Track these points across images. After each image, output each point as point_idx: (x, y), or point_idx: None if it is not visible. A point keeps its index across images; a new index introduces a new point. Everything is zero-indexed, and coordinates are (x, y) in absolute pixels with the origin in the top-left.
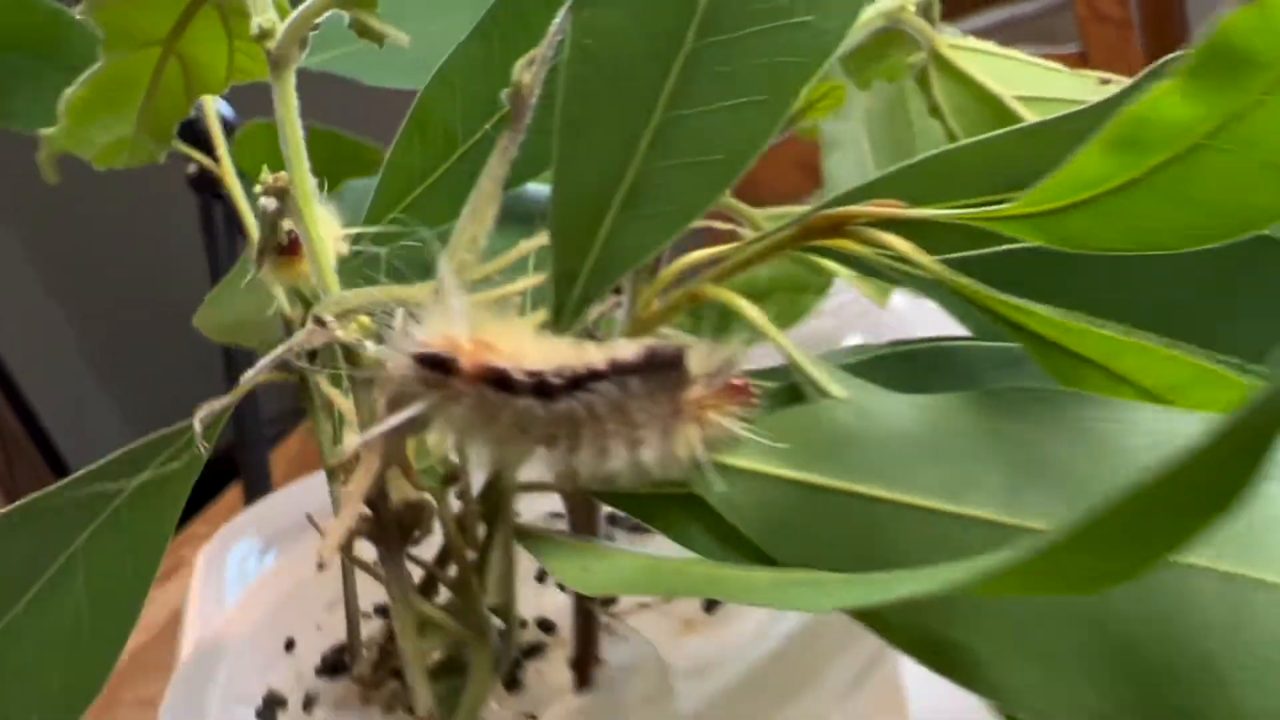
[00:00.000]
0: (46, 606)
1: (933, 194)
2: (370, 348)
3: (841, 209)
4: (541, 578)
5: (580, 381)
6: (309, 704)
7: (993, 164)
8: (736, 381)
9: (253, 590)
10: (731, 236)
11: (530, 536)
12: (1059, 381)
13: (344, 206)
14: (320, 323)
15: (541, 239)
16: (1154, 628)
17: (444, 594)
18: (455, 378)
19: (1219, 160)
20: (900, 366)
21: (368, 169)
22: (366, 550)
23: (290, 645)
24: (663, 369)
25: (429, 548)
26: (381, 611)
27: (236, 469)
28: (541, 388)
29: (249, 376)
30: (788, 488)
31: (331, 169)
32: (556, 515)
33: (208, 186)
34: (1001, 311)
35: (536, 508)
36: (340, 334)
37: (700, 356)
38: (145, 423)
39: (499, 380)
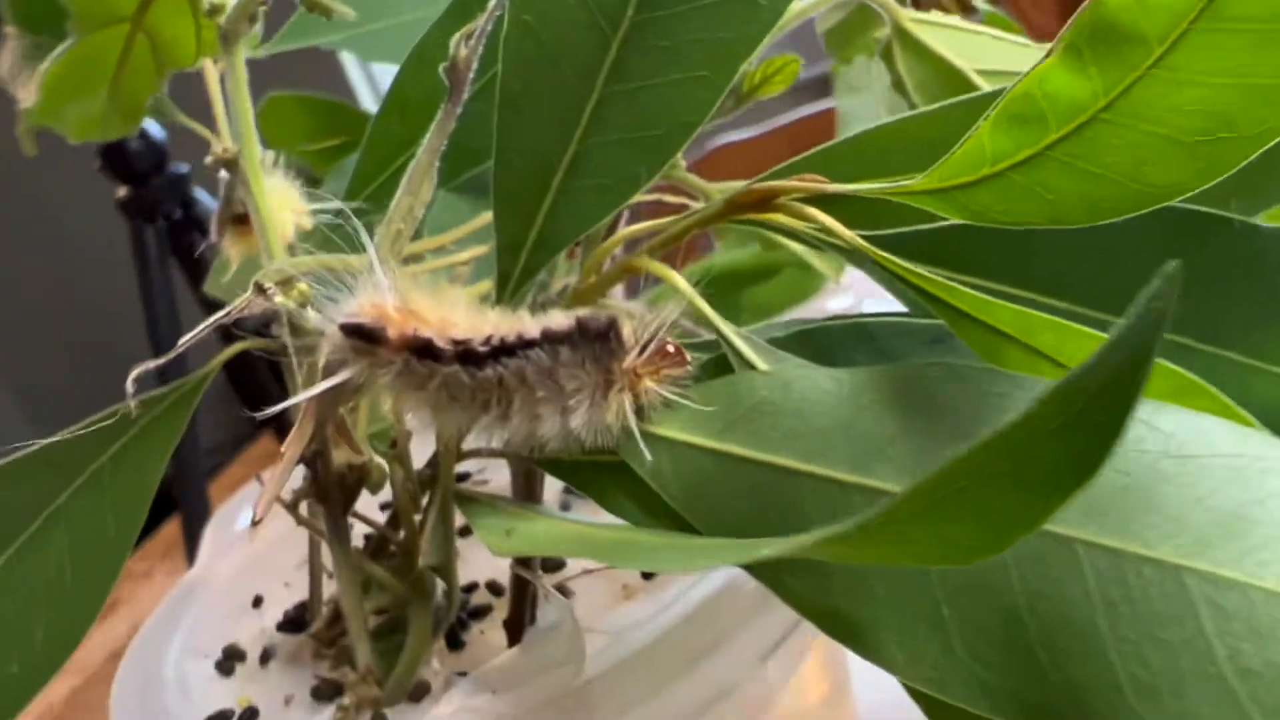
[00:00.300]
0: (29, 560)
1: (861, 171)
2: (310, 315)
3: (768, 184)
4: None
5: (509, 349)
6: (265, 658)
7: (913, 142)
8: (669, 347)
9: (226, 547)
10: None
11: (467, 500)
12: (981, 357)
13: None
14: (261, 290)
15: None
16: (1042, 601)
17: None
18: (381, 346)
19: (1113, 133)
20: (829, 341)
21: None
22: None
23: (258, 602)
24: (594, 337)
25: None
26: None
27: (175, 502)
28: (467, 355)
29: (190, 337)
30: (708, 457)
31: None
32: (569, 491)
33: (139, 212)
34: (922, 286)
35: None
36: (280, 300)
37: (633, 325)
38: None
39: (423, 349)
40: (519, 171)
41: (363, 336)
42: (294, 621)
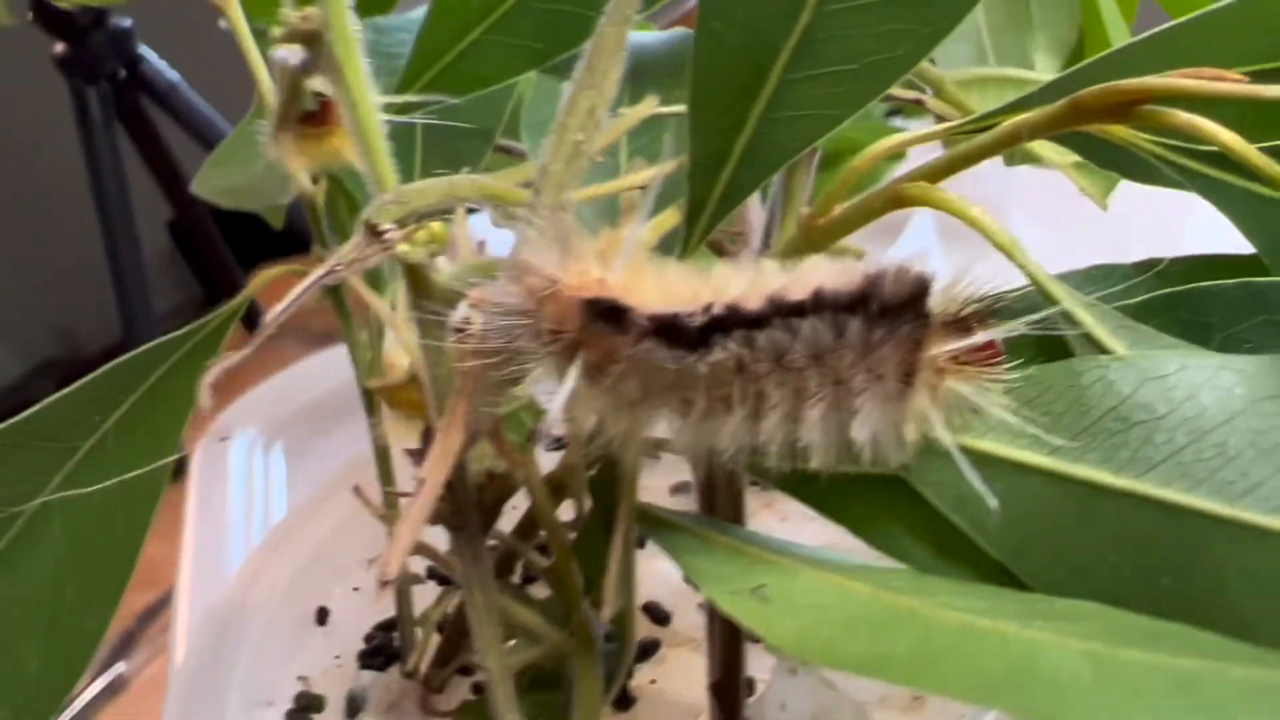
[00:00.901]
0: (16, 566)
1: (1202, 58)
2: (443, 267)
3: (1136, 84)
4: (641, 541)
5: (774, 317)
6: (353, 709)
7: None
8: (981, 335)
9: (271, 541)
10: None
11: (658, 525)
12: None
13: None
14: (374, 232)
15: (651, 103)
16: None
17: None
18: (626, 330)
19: None
20: (1202, 310)
21: None
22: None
23: (323, 616)
24: (894, 307)
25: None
26: (438, 577)
27: None
28: (717, 331)
29: (275, 316)
30: (1052, 485)
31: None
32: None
33: (79, 71)
34: None
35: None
36: (404, 249)
37: (939, 292)
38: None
39: (671, 328)
40: (726, 51)
41: (609, 317)
42: (380, 650)
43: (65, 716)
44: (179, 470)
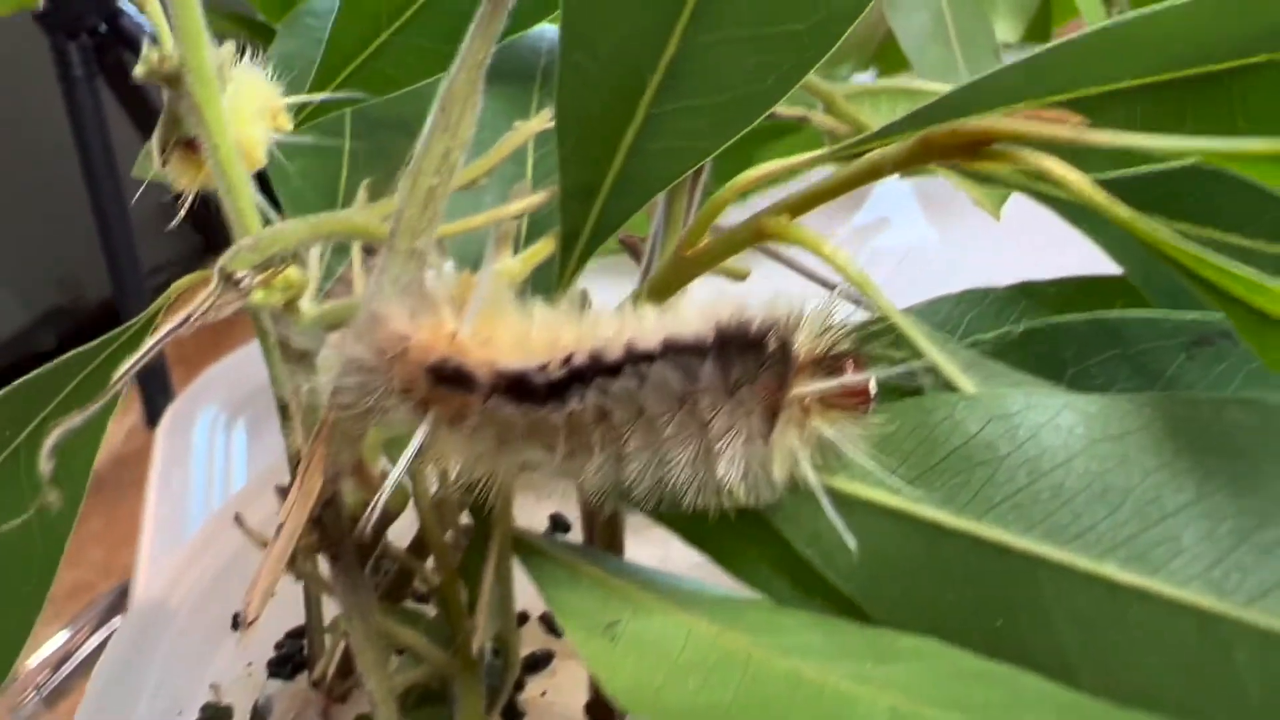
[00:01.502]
0: None
1: (1092, 76)
2: (307, 309)
3: (980, 125)
4: None
5: (615, 369)
6: (258, 717)
7: (1174, 35)
8: (850, 377)
9: (196, 542)
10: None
11: (533, 553)
12: (1266, 361)
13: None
14: (230, 280)
15: (543, 118)
16: None
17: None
18: (471, 390)
19: None
20: (1057, 345)
21: None
22: None
23: (237, 621)
24: (745, 348)
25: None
26: None
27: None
28: (568, 384)
29: (126, 370)
30: (899, 524)
31: None
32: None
33: (60, 26)
34: (1198, 271)
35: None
36: (259, 297)
37: (802, 331)
38: None
39: (518, 385)
40: (594, 81)
41: (454, 380)
42: (289, 659)
43: (64, 671)
44: None
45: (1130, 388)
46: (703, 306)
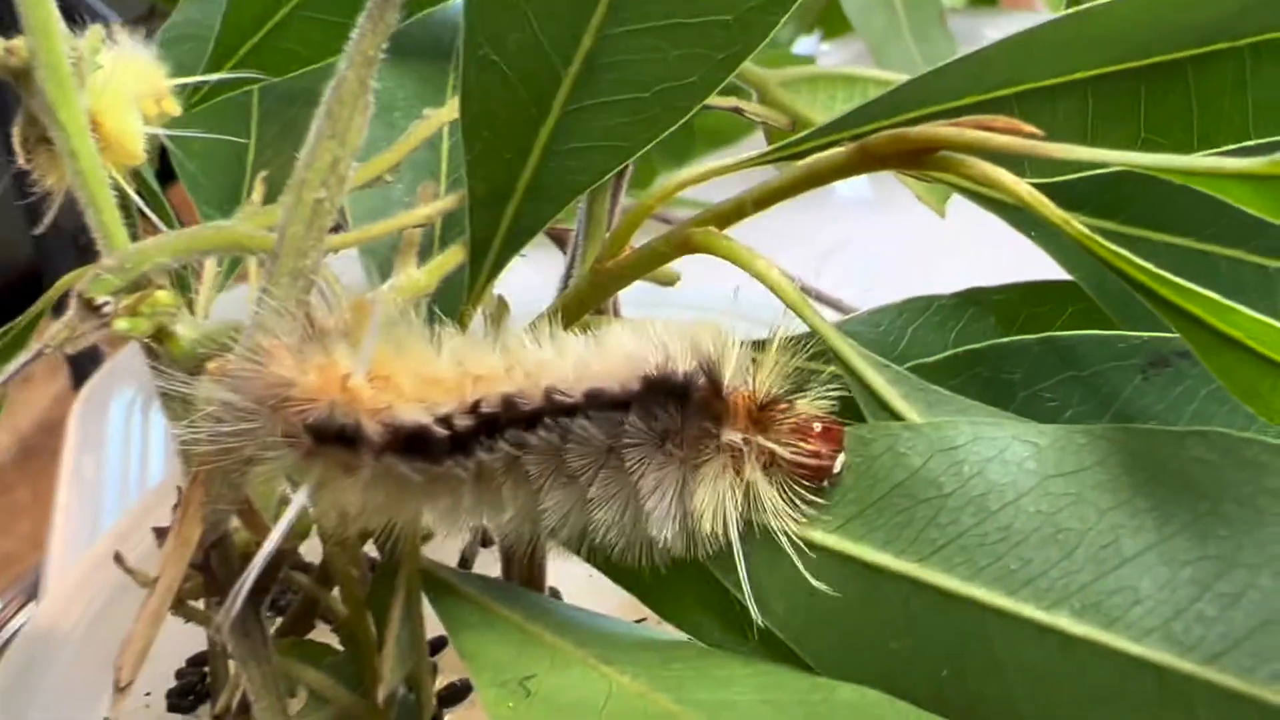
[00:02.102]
0: None
1: (1041, 70)
2: (183, 331)
3: (924, 134)
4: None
5: (533, 419)
6: None
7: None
8: (809, 424)
9: (90, 559)
10: None
11: (443, 590)
12: (1229, 389)
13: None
14: (90, 306)
15: (454, 105)
16: None
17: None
18: (359, 448)
19: None
20: (1006, 367)
21: None
22: None
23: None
24: (671, 394)
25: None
26: None
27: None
28: (474, 437)
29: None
30: (836, 566)
31: None
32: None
33: None
34: (1149, 286)
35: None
36: (123, 326)
37: (733, 368)
38: None
39: (415, 440)
40: (501, 75)
41: (338, 439)
42: (191, 689)
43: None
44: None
45: (1084, 412)
46: (627, 344)
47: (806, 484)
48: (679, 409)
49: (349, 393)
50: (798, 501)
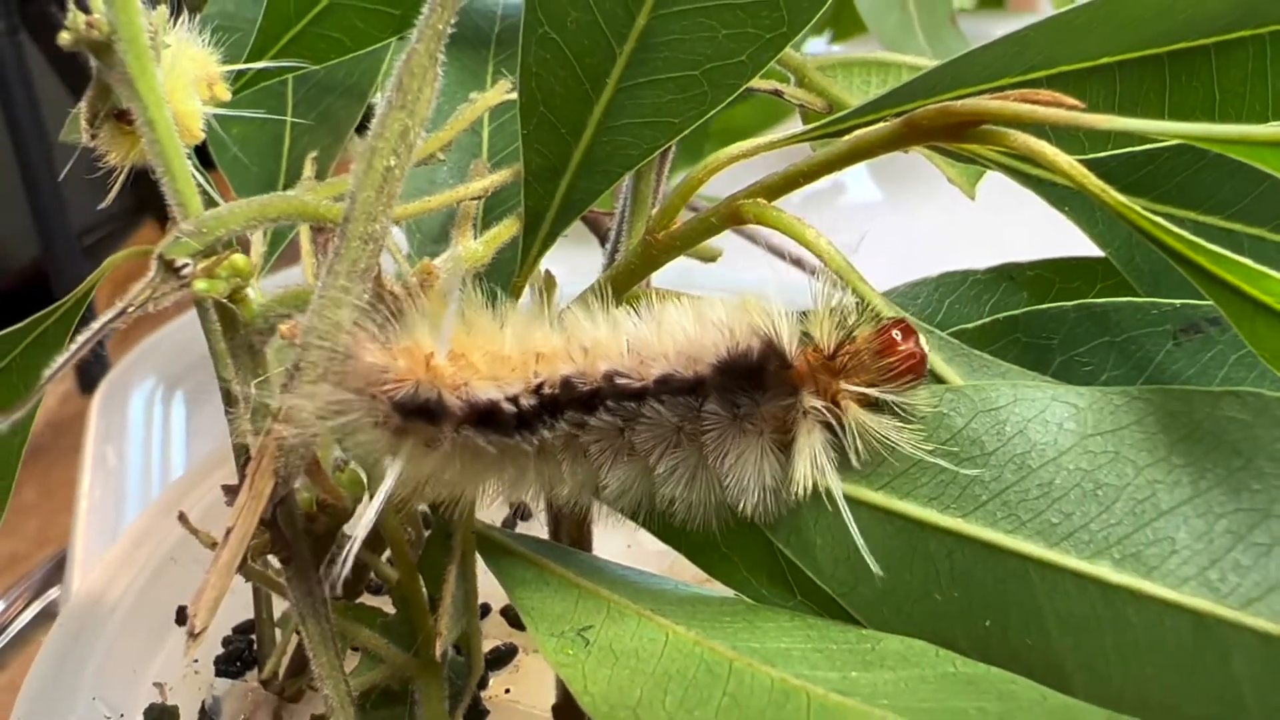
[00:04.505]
0: None
1: (1074, 53)
2: (254, 296)
3: (970, 106)
4: None
5: (608, 398)
6: (205, 719)
7: (1164, 10)
8: (894, 334)
9: (135, 531)
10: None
11: (497, 549)
12: (1259, 352)
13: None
14: (170, 268)
15: (500, 90)
16: None
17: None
18: (441, 422)
19: None
20: (1044, 331)
21: None
22: None
23: (184, 615)
24: (744, 375)
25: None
26: None
27: (49, 291)
28: (545, 411)
29: (53, 371)
30: (882, 522)
31: None
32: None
33: None
34: (1190, 256)
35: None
36: (202, 286)
37: (792, 336)
38: None
39: (488, 415)
40: (559, 54)
41: (422, 414)
42: (237, 656)
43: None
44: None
45: (1118, 375)
46: (689, 325)
47: (911, 386)
48: (756, 388)
49: (432, 371)
50: (907, 423)
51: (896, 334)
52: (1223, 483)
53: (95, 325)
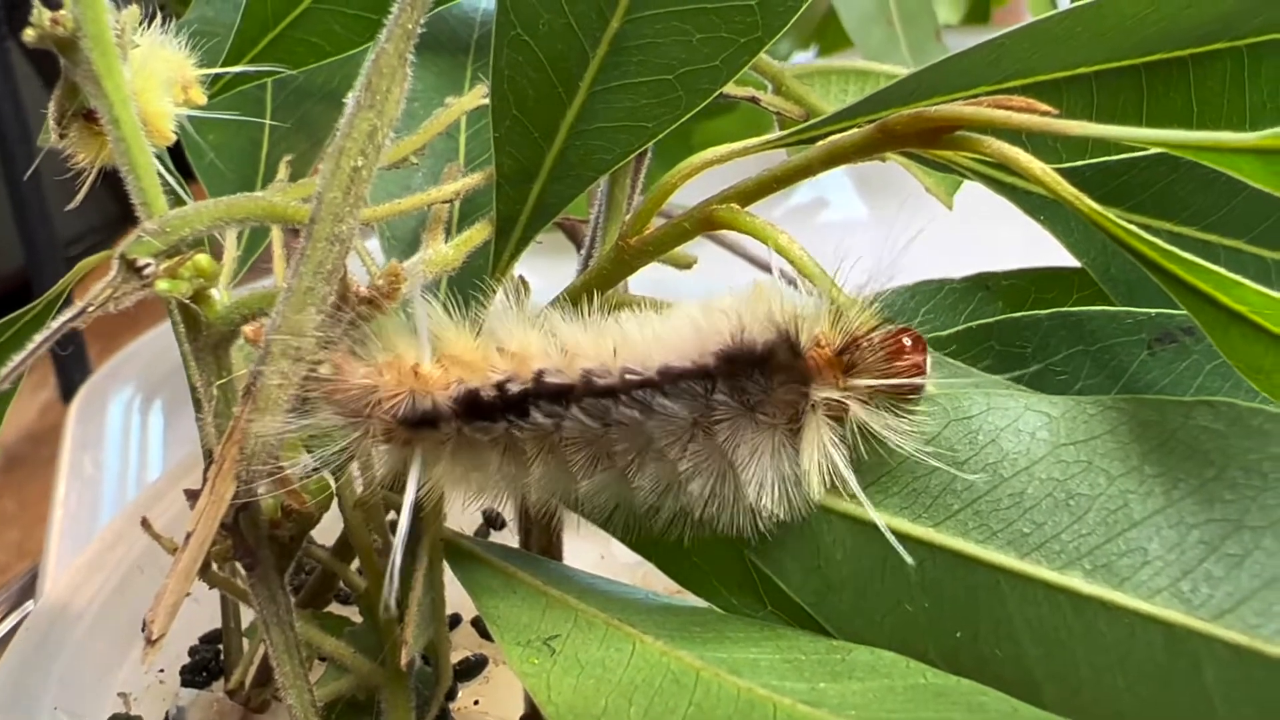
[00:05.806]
0: None
1: (1051, 62)
2: (219, 297)
3: (944, 112)
4: None
5: (613, 392)
6: None
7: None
8: (906, 340)
9: (104, 538)
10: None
11: (466, 557)
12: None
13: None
14: (132, 268)
15: (476, 94)
16: None
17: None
18: (438, 425)
19: None
20: (1018, 339)
21: None
22: None
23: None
24: (752, 364)
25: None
26: None
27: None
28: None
29: (8, 372)
30: (853, 532)
31: None
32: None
33: None
34: (1158, 261)
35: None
36: (164, 287)
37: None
38: None
39: (474, 404)
40: (532, 56)
41: (424, 421)
42: (203, 666)
43: None
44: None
45: (1092, 384)
46: (695, 319)
47: (910, 395)
48: (765, 378)
49: (422, 379)
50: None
51: (907, 340)
52: (1195, 493)
53: (54, 325)
